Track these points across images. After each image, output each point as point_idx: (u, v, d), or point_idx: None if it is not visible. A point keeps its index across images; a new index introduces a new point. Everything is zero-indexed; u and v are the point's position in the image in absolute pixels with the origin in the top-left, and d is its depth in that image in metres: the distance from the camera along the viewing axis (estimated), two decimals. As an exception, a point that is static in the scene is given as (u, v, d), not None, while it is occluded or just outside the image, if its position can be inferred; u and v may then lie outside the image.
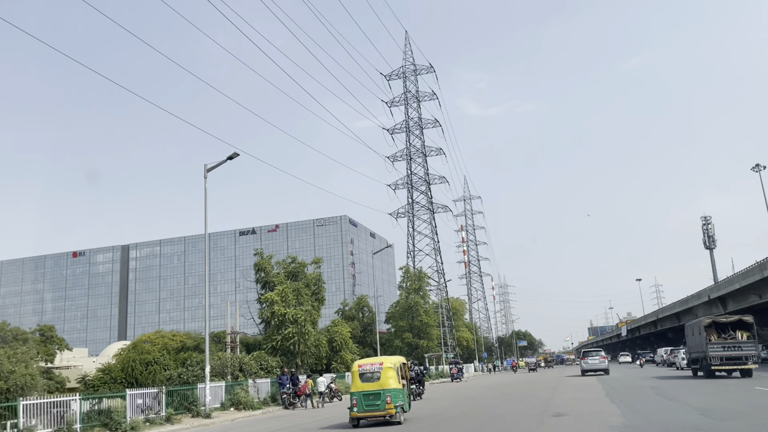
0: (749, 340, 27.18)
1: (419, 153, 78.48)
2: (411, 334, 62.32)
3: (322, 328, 54.70)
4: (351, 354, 52.05)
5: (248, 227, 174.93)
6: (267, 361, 33.28)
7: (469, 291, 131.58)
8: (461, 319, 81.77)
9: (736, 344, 26.78)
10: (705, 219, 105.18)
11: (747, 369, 26.75)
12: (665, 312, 75.90)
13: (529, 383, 36.63)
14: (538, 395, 25.28)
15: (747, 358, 26.57)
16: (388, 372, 16.43)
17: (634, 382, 31.90)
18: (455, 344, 75.36)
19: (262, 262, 44.75)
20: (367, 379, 16.52)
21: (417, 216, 77.71)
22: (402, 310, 64.31)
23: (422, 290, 64.11)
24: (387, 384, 16.21)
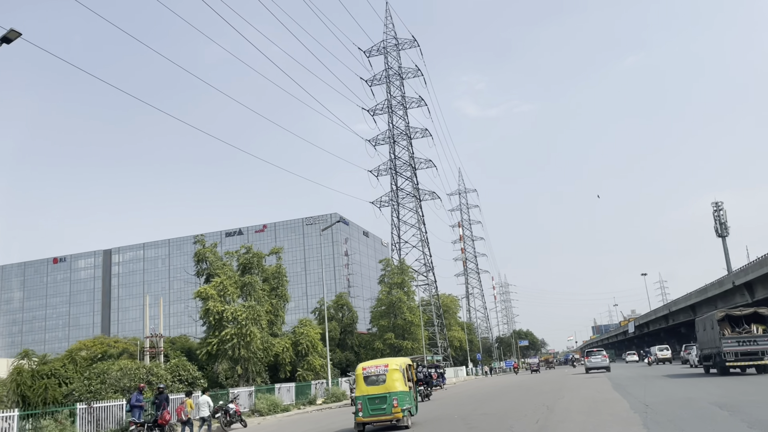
0: (765, 333, 25.56)
1: (403, 135, 71.30)
2: (393, 334, 55.02)
3: (288, 330, 47.69)
4: (321, 359, 44.87)
5: (235, 228, 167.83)
6: (189, 370, 25.97)
7: (467, 288, 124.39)
8: (453, 318, 74.35)
9: (752, 338, 25.31)
10: (716, 205, 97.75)
11: (764, 365, 25.32)
12: (679, 304, 68.52)
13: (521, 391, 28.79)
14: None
15: (764, 353, 25.09)
16: (394, 374, 15.71)
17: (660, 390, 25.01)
18: (446, 345, 68.00)
19: (204, 251, 37.53)
20: (372, 382, 15.79)
21: (402, 204, 70.55)
22: (383, 308, 57.05)
23: (406, 285, 56.84)
24: (393, 387, 15.52)
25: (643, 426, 12.31)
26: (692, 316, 67.16)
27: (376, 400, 15.56)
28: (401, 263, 59.99)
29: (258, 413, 24.59)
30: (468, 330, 78.62)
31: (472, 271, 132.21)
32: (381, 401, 15.51)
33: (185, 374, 25.82)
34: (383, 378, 15.81)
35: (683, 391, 20.57)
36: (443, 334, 68.47)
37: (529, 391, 26.95)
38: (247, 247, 43.15)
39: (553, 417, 15.32)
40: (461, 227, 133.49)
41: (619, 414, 14.88)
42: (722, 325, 26.74)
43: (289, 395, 28.55)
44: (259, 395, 24.92)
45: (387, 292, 56.39)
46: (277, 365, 43.38)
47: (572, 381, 34.10)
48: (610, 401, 18.55)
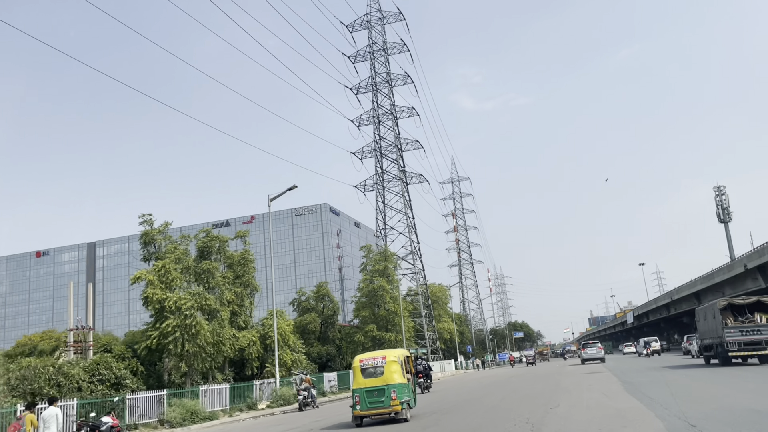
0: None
1: (389, 115, 66.92)
2: (375, 325, 50.84)
3: (257, 322, 43.55)
4: (293, 353, 40.77)
5: (222, 219, 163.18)
6: (112, 369, 21.63)
7: (461, 279, 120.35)
8: (443, 309, 70.22)
9: (755, 328, 24.69)
10: (718, 189, 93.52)
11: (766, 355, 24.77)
12: (681, 292, 64.51)
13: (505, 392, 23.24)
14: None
15: (767, 342, 24.42)
16: (392, 366, 15.31)
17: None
18: (435, 337, 63.89)
19: (152, 232, 33.10)
20: (370, 374, 15.38)
21: (388, 188, 66.26)
22: (364, 299, 52.86)
23: (389, 273, 52.63)
24: (391, 379, 15.11)
25: None
26: (696, 304, 63.24)
27: (374, 393, 15.15)
28: (384, 249, 55.78)
29: (168, 424, 19.45)
30: (459, 321, 74.54)
31: (465, 261, 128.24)
32: (379, 394, 15.10)
33: (107, 373, 21.50)
34: (381, 370, 15.37)
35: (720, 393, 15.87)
36: (431, 325, 64.39)
37: (514, 393, 22.03)
38: (206, 230, 38.76)
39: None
40: (455, 217, 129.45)
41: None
42: (724, 315, 25.87)
43: (220, 399, 23.93)
44: (173, 401, 20.03)
45: (368, 281, 52.17)
46: (243, 361, 39.29)
47: (570, 377, 29.44)
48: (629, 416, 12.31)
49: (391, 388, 15.07)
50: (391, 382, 15.15)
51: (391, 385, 15.11)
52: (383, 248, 55.92)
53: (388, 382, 15.15)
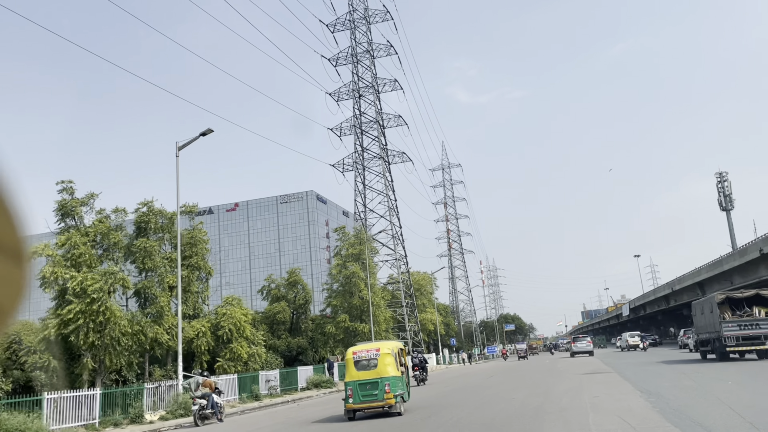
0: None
1: (370, 88, 61.70)
2: (348, 315, 45.87)
3: (210, 311, 38.60)
4: (250, 346, 35.84)
5: (205, 207, 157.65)
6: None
7: (450, 269, 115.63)
8: (428, 298, 65.34)
9: (754, 322, 24.22)
10: (720, 176, 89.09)
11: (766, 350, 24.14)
12: (684, 282, 59.85)
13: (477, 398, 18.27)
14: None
15: (766, 337, 23.90)
16: (386, 358, 15.09)
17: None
18: (417, 329, 59.01)
19: (71, 202, 27.72)
20: (363, 367, 15.14)
21: (368, 168, 61.16)
22: (337, 286, 47.91)
23: (365, 259, 47.65)
24: (385, 372, 14.87)
25: None
26: (699, 295, 58.72)
27: (368, 386, 14.89)
28: (359, 231, 50.71)
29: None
30: (443, 312, 69.72)
31: (456, 252, 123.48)
32: (372, 387, 14.84)
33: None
34: (375, 363, 15.13)
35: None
36: (414, 316, 59.49)
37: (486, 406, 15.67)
38: (147, 203, 33.61)
39: None
40: (445, 206, 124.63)
41: None
42: (722, 308, 25.20)
43: (88, 409, 17.10)
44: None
45: (341, 266, 47.16)
46: (191, 354, 34.37)
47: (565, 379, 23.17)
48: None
49: (385, 381, 14.75)
50: (385, 375, 14.83)
51: (385, 378, 14.79)
52: (359, 230, 50.82)
53: (382, 375, 14.83)
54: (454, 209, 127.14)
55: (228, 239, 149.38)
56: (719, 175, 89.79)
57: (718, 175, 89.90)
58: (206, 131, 25.12)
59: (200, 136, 25.30)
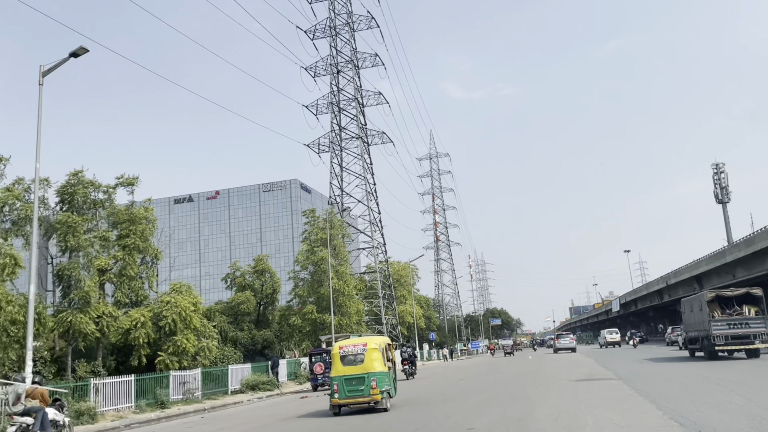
0: (758, 316, 24.16)
1: (349, 63, 57.35)
2: (316, 306, 41.73)
3: (154, 299, 34.32)
4: (200, 340, 31.71)
5: (185, 194, 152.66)
6: None
7: (436, 260, 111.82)
8: (407, 289, 61.29)
9: (743, 321, 24.01)
10: (717, 167, 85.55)
11: (754, 349, 24.03)
12: (680, 275, 56.23)
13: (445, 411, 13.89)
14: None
15: (755, 336, 23.69)
16: (373, 354, 14.77)
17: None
18: (395, 322, 54.98)
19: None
20: (350, 362, 14.86)
21: (346, 150, 56.93)
22: (304, 274, 43.73)
23: (336, 244, 43.49)
24: (372, 367, 14.57)
25: None
26: (696, 289, 55.23)
27: (354, 381, 14.60)
28: (329, 213, 46.41)
29: None
30: (424, 305, 65.69)
31: (442, 244, 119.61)
32: (359, 382, 14.55)
33: None
34: (361, 358, 14.81)
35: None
36: (392, 308, 55.44)
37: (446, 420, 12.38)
38: (76, 172, 29.10)
39: None
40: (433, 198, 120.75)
41: None
42: (712, 307, 25.19)
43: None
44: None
45: (308, 252, 42.91)
46: (129, 348, 30.23)
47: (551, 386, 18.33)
48: None
49: (372, 376, 14.56)
50: (372, 371, 14.63)
51: (372, 373, 14.60)
52: (329, 211, 46.43)
53: (369, 370, 14.64)
54: (442, 200, 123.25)
55: (208, 228, 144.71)
56: (715, 167, 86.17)
57: (714, 166, 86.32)
58: (79, 50, 18.81)
59: (71, 57, 18.95)
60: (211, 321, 35.94)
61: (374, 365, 14.71)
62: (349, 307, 41.68)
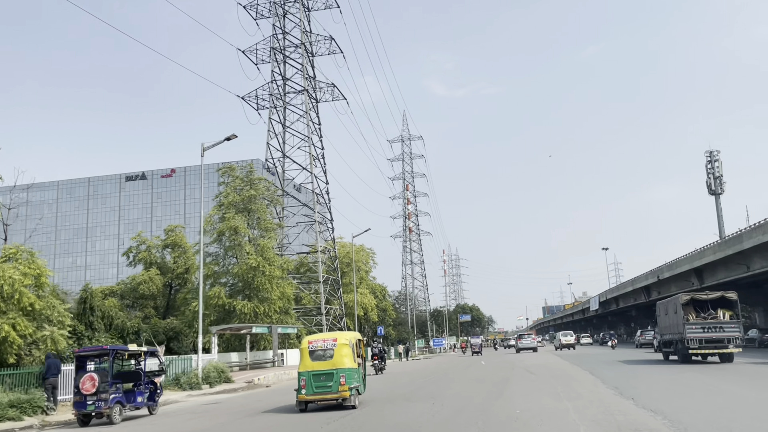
0: (732, 320, 24.16)
1: (296, 2, 47.98)
2: (224, 288, 32.56)
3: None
4: (40, 327, 22.73)
5: (137, 171, 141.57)
6: None
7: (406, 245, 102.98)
8: (359, 275, 52.25)
9: (718, 325, 24.01)
10: (710, 155, 78.43)
11: (728, 353, 23.98)
12: (678, 267, 48.16)
13: None
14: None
15: (729, 340, 23.67)
16: (343, 349, 14.30)
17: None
18: (341, 313, 45.97)
19: None
20: (318, 357, 14.39)
21: (291, 106, 47.71)
22: (217, 247, 34.47)
23: (256, 211, 34.27)
24: (341, 363, 14.10)
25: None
26: (693, 284, 47.42)
27: (322, 377, 14.01)
28: (249, 170, 36.91)
29: None
30: (380, 294, 56.71)
31: (413, 234, 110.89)
32: (327, 378, 13.96)
33: None
34: (330, 353, 14.28)
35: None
36: (339, 297, 46.41)
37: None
38: None
39: None
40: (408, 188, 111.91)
41: None
42: (686, 310, 25.05)
43: None
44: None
45: (220, 220, 33.65)
46: None
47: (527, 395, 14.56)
48: None
49: (341, 372, 13.95)
50: (341, 366, 14.00)
51: (341, 369, 13.97)
52: (248, 168, 36.87)
53: (338, 366, 14.01)
54: (413, 185, 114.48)
55: (161, 208, 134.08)
56: (709, 155, 79.04)
57: (708, 154, 79.16)
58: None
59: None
60: (65, 303, 26.51)
61: (344, 361, 14.15)
62: (271, 290, 32.51)
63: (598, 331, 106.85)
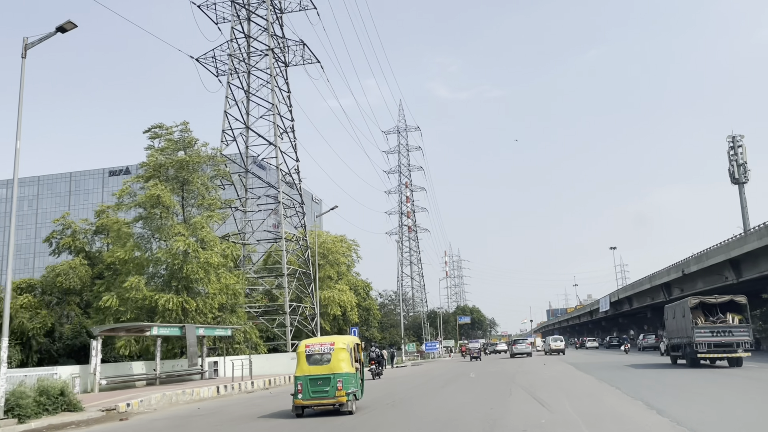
0: (741, 324, 23.96)
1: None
2: (142, 277, 25.57)
3: None
4: None
5: (121, 166, 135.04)
6: None
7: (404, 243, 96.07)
8: (345, 272, 45.22)
9: (727, 329, 23.72)
10: (733, 140, 71.25)
11: (737, 358, 23.60)
12: (708, 259, 40.92)
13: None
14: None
15: (738, 345, 23.37)
16: (340, 354, 14.03)
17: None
18: (314, 312, 38.98)
19: None
20: (316, 361, 14.08)
21: (257, 70, 40.94)
22: (141, 225, 27.52)
23: (191, 181, 27.29)
24: (338, 368, 13.83)
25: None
26: (727, 279, 40.38)
27: (319, 382, 13.74)
28: (183, 129, 29.57)
29: None
30: (362, 291, 49.58)
31: (406, 227, 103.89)
32: (324, 383, 13.70)
33: None
34: (328, 357, 13.98)
35: None
36: (309, 294, 39.42)
37: None
38: None
39: None
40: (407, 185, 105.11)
41: None
42: (695, 314, 24.74)
43: None
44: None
45: (142, 189, 26.69)
46: None
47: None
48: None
49: (338, 377, 13.64)
50: (338, 371, 13.73)
51: (338, 374, 13.70)
52: (183, 127, 29.49)
53: (335, 371, 13.74)
54: (410, 179, 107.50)
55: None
56: (731, 140, 71.90)
57: (731, 139, 72.01)
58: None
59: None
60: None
61: (341, 366, 13.80)
62: (206, 283, 25.53)
63: (607, 334, 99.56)
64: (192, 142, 27.70)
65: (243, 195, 40.63)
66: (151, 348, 26.64)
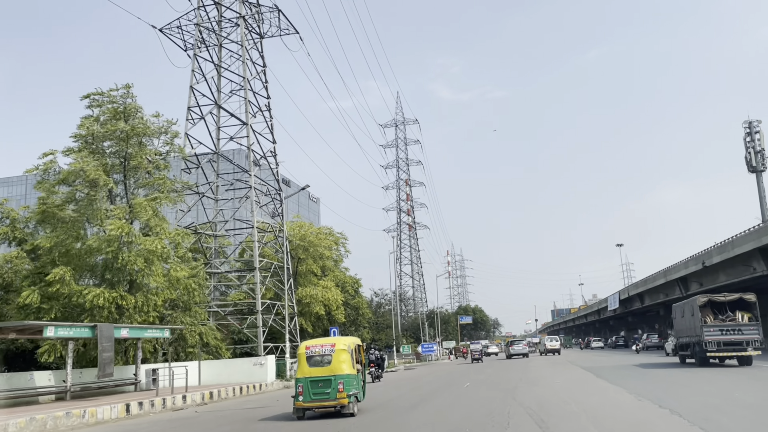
0: (751, 322, 23.50)
1: None
2: (68, 269, 21.34)
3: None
4: None
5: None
6: None
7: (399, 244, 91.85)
8: (319, 264, 40.98)
9: (736, 327, 23.47)
10: (749, 126, 66.81)
11: (746, 356, 23.31)
12: (734, 248, 36.56)
13: None
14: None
15: (747, 343, 23.14)
16: (341, 355, 13.93)
17: None
18: (294, 311, 34.78)
19: None
20: (316, 363, 14.00)
21: (229, 42, 36.92)
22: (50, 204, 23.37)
23: (134, 157, 23.09)
24: (339, 369, 13.73)
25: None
26: (754, 270, 36.10)
27: (320, 384, 13.62)
28: (124, 94, 24.97)
29: None
30: (353, 290, 45.26)
31: (405, 225, 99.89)
32: (325, 385, 13.59)
33: None
34: (329, 359, 13.89)
35: None
36: (289, 290, 35.21)
37: None
38: None
39: None
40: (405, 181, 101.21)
41: None
42: (704, 312, 24.44)
43: None
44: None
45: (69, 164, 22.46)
46: None
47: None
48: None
49: (339, 379, 13.55)
50: (339, 373, 13.64)
51: (339, 375, 13.60)
52: (124, 92, 24.85)
53: (336, 373, 13.64)
54: (408, 173, 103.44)
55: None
56: (747, 125, 67.38)
57: (747, 125, 67.49)
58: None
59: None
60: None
61: (342, 367, 13.68)
62: (148, 275, 21.36)
63: (615, 333, 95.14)
64: (135, 110, 23.40)
65: (214, 180, 36.53)
66: (90, 354, 22.42)
